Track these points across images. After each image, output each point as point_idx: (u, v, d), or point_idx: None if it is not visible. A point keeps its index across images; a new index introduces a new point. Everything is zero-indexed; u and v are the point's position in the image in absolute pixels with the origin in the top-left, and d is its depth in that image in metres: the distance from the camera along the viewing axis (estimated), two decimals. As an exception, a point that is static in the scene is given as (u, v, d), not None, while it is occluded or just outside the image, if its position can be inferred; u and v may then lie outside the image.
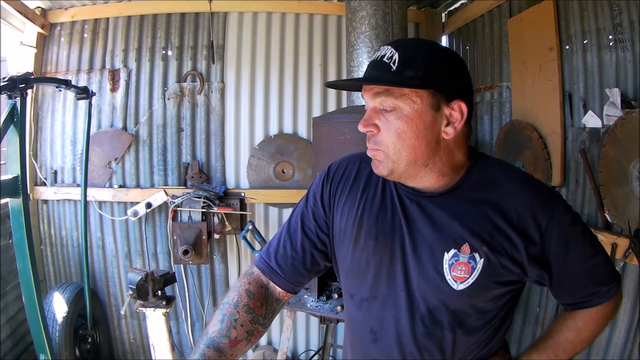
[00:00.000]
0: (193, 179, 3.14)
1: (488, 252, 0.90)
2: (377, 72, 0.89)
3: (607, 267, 0.99)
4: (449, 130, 0.89)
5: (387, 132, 0.89)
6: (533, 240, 0.90)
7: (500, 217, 0.90)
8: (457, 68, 0.92)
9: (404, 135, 0.88)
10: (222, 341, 0.97)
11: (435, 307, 0.94)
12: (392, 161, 0.91)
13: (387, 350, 0.99)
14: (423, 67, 0.86)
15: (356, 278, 1.02)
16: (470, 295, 0.92)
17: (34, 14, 2.91)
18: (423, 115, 0.87)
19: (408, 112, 0.87)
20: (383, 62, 0.89)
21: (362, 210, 1.01)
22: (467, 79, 0.93)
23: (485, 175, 0.94)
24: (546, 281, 0.96)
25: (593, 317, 1.01)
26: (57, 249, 3.21)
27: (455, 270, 0.91)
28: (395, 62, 0.87)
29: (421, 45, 0.93)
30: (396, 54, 0.88)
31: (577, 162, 2.13)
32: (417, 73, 0.86)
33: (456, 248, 0.91)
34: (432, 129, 0.89)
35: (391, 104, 0.88)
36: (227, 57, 3.17)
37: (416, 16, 3.30)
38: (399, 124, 0.88)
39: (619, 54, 1.91)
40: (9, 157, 2.07)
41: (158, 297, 1.95)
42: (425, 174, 0.93)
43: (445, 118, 0.89)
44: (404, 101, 0.87)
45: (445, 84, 0.88)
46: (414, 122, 0.88)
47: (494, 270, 0.91)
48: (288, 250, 1.08)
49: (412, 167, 0.91)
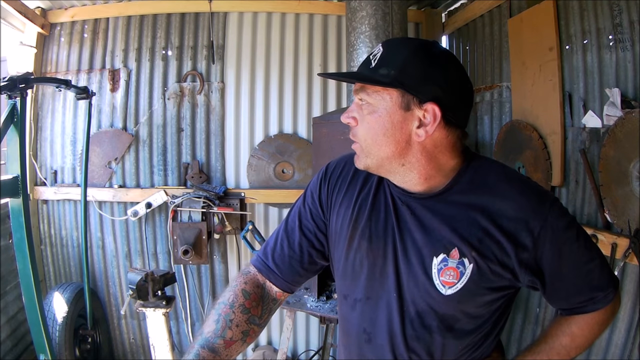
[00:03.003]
0: (193, 179, 3.14)
1: (477, 258, 0.89)
2: (361, 68, 0.92)
3: (603, 272, 0.96)
4: (420, 132, 0.88)
5: (361, 125, 0.92)
6: (524, 246, 0.88)
7: (491, 222, 0.88)
8: (446, 72, 0.89)
9: (372, 130, 0.90)
10: (217, 341, 0.97)
11: (424, 310, 0.94)
12: (365, 155, 0.93)
13: (380, 350, 0.98)
14: (399, 66, 0.86)
15: (350, 279, 1.02)
16: (459, 300, 0.91)
17: (34, 14, 2.91)
18: (392, 113, 0.88)
19: (377, 109, 0.89)
20: (368, 58, 0.91)
21: (358, 211, 1.00)
22: (458, 84, 0.90)
23: (477, 178, 0.92)
24: (539, 287, 0.94)
25: (588, 323, 1.00)
26: (57, 249, 3.21)
27: (443, 275, 0.90)
28: (376, 59, 0.89)
29: (407, 45, 0.91)
30: (381, 51, 0.90)
31: (577, 162, 2.13)
32: (389, 71, 0.86)
33: (445, 253, 0.90)
34: (401, 128, 0.88)
35: (365, 99, 0.90)
36: (227, 57, 3.17)
37: (416, 16, 3.30)
38: (369, 119, 0.90)
39: (619, 54, 1.91)
40: (9, 157, 2.07)
41: (158, 297, 1.95)
42: (405, 172, 0.92)
43: (416, 119, 0.88)
44: (375, 98, 0.89)
45: (420, 85, 0.86)
46: (382, 120, 0.89)
47: (484, 276, 0.89)
48: (285, 249, 1.07)
49: (386, 163, 0.92)
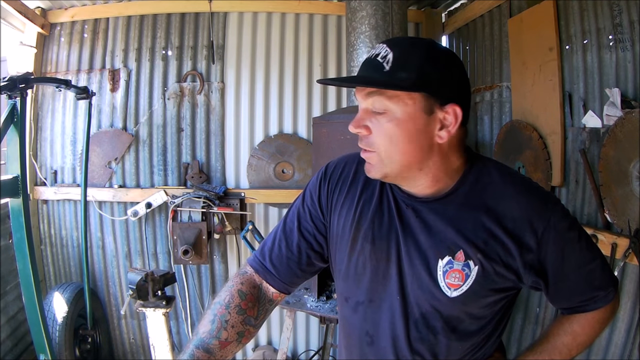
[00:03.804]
0: (193, 179, 3.14)
1: (482, 260, 0.88)
2: (370, 71, 0.86)
3: (604, 272, 0.97)
4: (442, 134, 0.86)
5: (379, 134, 0.87)
6: (529, 247, 0.88)
7: (496, 223, 0.88)
8: (454, 70, 0.88)
9: (395, 138, 0.85)
10: (212, 342, 0.96)
11: (429, 312, 0.93)
12: (384, 164, 0.88)
13: (383, 353, 0.98)
14: (417, 69, 0.83)
15: (352, 281, 1.01)
16: (464, 302, 0.91)
17: (34, 14, 2.91)
18: (415, 118, 0.84)
19: (400, 115, 0.84)
20: (377, 61, 0.85)
21: (360, 213, 0.99)
22: (464, 82, 0.90)
23: (481, 180, 0.92)
24: (542, 287, 0.94)
25: (590, 322, 1.00)
26: (57, 249, 3.21)
27: (449, 278, 0.90)
28: (389, 62, 0.84)
29: (417, 45, 0.88)
30: (390, 53, 0.84)
31: (577, 162, 2.13)
32: (410, 75, 0.82)
33: (450, 255, 0.89)
34: (425, 132, 0.86)
35: (383, 105, 0.85)
36: (227, 57, 3.17)
37: (416, 16, 3.30)
38: (390, 127, 0.85)
39: (619, 54, 1.91)
40: (9, 157, 2.07)
41: (158, 297, 1.95)
42: (419, 177, 0.91)
43: (438, 122, 0.86)
44: (396, 103, 0.84)
45: (439, 87, 0.84)
46: (406, 126, 0.85)
47: (489, 277, 0.89)
48: (283, 250, 1.06)
49: (406, 171, 0.89)
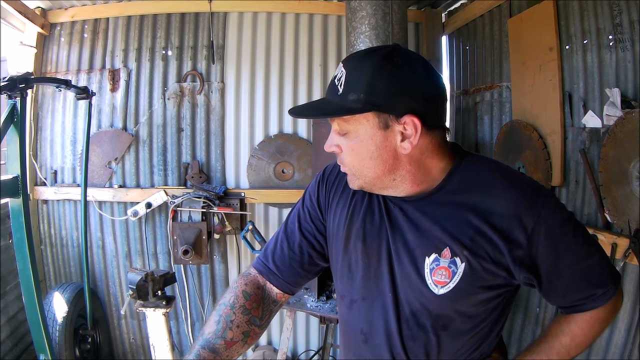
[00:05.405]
0: (193, 179, 3.14)
1: (469, 257, 0.88)
2: (330, 95, 0.90)
3: (603, 268, 0.94)
4: (405, 146, 0.87)
5: (346, 153, 0.92)
6: (518, 243, 0.87)
7: (483, 220, 0.88)
8: (410, 79, 0.86)
9: (359, 156, 0.90)
10: (217, 342, 0.97)
11: (418, 310, 0.94)
12: (357, 178, 0.93)
13: (378, 350, 0.99)
14: (365, 88, 0.84)
15: (347, 279, 1.03)
16: (453, 299, 0.91)
17: (34, 14, 2.91)
18: (373, 136, 0.87)
19: (359, 134, 0.88)
20: (334, 83, 0.89)
21: (352, 213, 1.02)
22: (428, 86, 0.88)
23: (468, 177, 0.92)
24: (535, 284, 0.93)
25: (588, 322, 0.98)
26: (57, 249, 3.21)
27: (435, 275, 0.91)
28: (342, 83, 0.86)
29: (369, 58, 0.87)
30: (344, 73, 0.87)
31: (577, 162, 2.13)
32: (359, 95, 0.84)
33: (437, 253, 0.90)
34: (385, 147, 0.88)
35: (343, 128, 0.89)
36: (227, 57, 3.16)
37: (416, 16, 3.30)
38: (353, 146, 0.89)
39: (619, 54, 1.91)
40: (9, 157, 2.07)
41: (158, 297, 1.95)
42: (396, 185, 0.93)
43: (398, 134, 0.87)
44: (353, 124, 0.88)
45: (390, 101, 0.84)
46: (366, 144, 0.88)
47: (477, 274, 0.89)
48: (285, 251, 1.08)
49: (379, 182, 0.92)
